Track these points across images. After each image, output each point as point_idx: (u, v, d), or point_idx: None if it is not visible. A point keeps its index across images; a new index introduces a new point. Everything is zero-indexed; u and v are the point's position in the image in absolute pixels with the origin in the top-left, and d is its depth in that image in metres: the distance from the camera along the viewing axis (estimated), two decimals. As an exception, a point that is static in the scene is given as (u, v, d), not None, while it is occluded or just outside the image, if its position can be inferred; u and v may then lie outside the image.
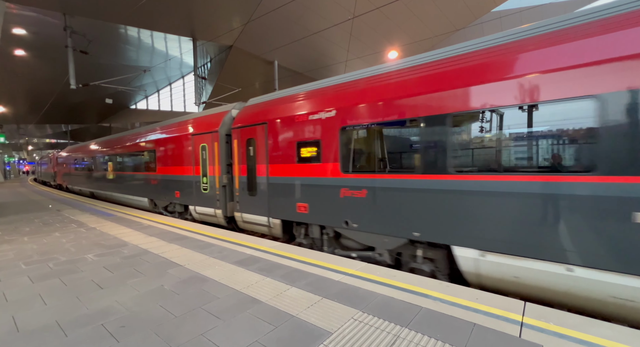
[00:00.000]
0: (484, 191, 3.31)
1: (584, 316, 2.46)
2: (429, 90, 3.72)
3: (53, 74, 18.19)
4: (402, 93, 3.96)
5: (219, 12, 13.10)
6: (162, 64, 21.47)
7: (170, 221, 7.44)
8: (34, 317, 2.68)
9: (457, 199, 3.48)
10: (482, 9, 15.69)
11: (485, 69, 3.37)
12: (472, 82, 3.39)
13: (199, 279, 3.53)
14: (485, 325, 2.38)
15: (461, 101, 3.46)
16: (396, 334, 2.29)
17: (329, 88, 5.03)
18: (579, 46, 2.87)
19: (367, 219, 4.37)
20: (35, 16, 12.30)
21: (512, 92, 3.16)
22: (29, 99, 24.83)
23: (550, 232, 2.95)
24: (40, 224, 7.39)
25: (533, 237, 3.04)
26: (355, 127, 4.43)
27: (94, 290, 3.26)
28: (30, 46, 15.22)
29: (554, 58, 2.97)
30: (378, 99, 4.21)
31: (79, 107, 28.32)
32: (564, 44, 2.96)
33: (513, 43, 3.33)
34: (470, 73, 3.46)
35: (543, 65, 3.01)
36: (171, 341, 2.26)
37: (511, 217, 3.16)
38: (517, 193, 3.12)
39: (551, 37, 3.09)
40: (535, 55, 3.09)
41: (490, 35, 3.64)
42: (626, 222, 2.60)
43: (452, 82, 3.57)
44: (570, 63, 2.87)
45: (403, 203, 3.96)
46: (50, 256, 4.58)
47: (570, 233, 2.85)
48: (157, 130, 9.48)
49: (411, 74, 4.02)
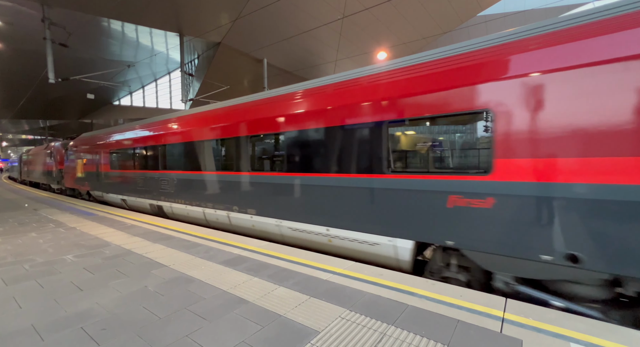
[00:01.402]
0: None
1: (561, 312, 2.57)
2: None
3: (30, 67, 17.37)
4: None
5: (207, 8, 12.85)
6: (147, 60, 20.88)
7: (156, 220, 7.24)
8: (8, 321, 2.56)
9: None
10: (468, 12, 16.07)
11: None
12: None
13: (185, 279, 3.46)
14: (468, 321, 2.44)
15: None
16: (382, 332, 2.32)
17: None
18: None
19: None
20: (11, 6, 11.71)
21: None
22: (4, 93, 23.62)
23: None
24: (15, 223, 7.05)
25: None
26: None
27: (73, 292, 3.15)
28: (6, 37, 14.48)
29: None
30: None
31: (59, 102, 27.17)
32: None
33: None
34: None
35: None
36: (155, 343, 2.21)
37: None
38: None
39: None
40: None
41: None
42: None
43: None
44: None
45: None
46: (26, 257, 4.39)
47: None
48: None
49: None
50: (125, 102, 31.43)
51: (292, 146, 4.99)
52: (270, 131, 5.29)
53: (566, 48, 2.84)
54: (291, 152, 5.02)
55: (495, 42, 3.32)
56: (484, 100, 3.22)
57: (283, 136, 5.14)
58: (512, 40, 3.22)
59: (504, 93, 3.11)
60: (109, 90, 26.77)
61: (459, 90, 3.38)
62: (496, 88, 3.15)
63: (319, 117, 4.64)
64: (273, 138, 5.34)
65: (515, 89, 3.05)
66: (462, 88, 3.36)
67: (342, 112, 4.37)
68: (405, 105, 3.79)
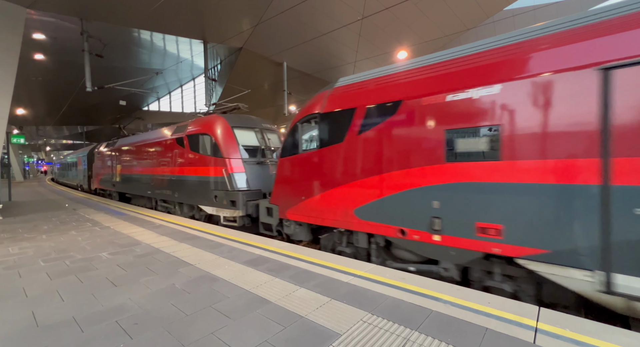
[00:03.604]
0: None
1: (600, 323, 2.39)
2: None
3: (70, 76, 18.76)
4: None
5: (229, 15, 13.28)
6: (174, 67, 21.89)
7: (181, 220, 7.57)
8: (52, 312, 2.77)
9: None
10: (494, 7, 15.40)
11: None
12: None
13: (209, 278, 3.58)
14: (497, 330, 2.33)
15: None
16: (406, 337, 2.27)
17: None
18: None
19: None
20: (54, 21, 12.73)
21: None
22: (48, 102, 25.69)
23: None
24: (58, 222, 7.63)
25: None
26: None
27: (108, 287, 3.35)
28: (49, 50, 15.75)
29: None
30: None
31: (94, 109, 29.12)
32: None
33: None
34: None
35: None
36: (183, 338, 2.30)
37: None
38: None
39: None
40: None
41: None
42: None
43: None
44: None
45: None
46: (67, 254, 4.73)
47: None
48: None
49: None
50: (153, 108, 33.10)
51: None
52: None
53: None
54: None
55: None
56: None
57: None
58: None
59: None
60: (139, 96, 28.33)
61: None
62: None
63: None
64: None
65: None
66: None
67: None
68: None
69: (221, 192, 7.23)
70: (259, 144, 7.83)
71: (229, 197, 7.02)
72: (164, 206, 10.30)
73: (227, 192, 7.06)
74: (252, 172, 7.31)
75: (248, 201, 6.90)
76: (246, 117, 8.37)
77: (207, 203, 7.75)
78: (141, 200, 12.11)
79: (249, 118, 8.42)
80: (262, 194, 7.29)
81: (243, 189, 7.02)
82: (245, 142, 7.62)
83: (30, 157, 55.72)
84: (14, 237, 5.95)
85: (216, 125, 7.72)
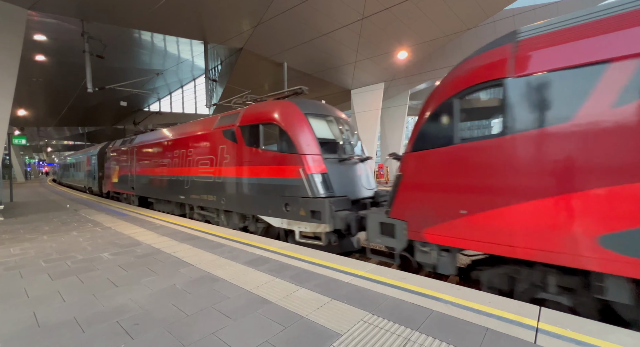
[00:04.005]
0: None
1: (603, 323, 2.38)
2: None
3: (71, 78, 18.82)
4: None
5: (229, 15, 13.30)
6: (174, 67, 21.93)
7: (181, 221, 7.58)
8: (54, 313, 2.78)
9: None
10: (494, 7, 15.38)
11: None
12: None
13: (210, 278, 3.58)
14: (498, 330, 2.33)
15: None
16: (407, 337, 2.26)
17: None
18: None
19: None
20: (55, 23, 12.77)
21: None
22: (49, 103, 25.76)
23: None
24: (59, 223, 7.64)
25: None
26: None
27: (109, 288, 3.36)
28: (50, 52, 15.80)
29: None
30: None
31: (95, 110, 29.21)
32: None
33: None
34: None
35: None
36: (183, 339, 2.30)
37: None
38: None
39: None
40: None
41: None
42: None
43: None
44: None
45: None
46: (68, 254, 4.74)
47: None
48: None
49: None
50: (154, 108, 33.18)
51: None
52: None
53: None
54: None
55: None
56: None
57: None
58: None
59: None
60: (139, 97, 28.39)
61: None
62: None
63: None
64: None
65: None
66: None
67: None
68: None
69: (296, 200, 5.44)
70: (334, 137, 6.10)
71: (308, 206, 5.24)
72: (203, 214, 8.36)
73: (306, 200, 5.28)
74: (336, 173, 5.56)
75: (336, 211, 5.09)
76: (316, 103, 6.56)
77: (271, 213, 5.94)
78: (167, 206, 10.24)
79: (320, 104, 6.62)
80: (349, 202, 5.44)
81: (328, 195, 5.26)
82: (320, 135, 5.84)
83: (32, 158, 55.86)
84: (15, 238, 5.97)
85: (287, 112, 5.94)
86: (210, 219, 8.10)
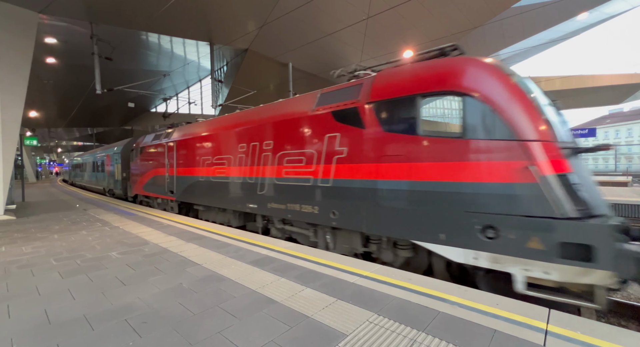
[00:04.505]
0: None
1: (614, 326, 2.33)
2: None
3: (80, 79, 19.18)
4: None
5: (235, 17, 13.40)
6: (181, 69, 22.16)
7: (188, 220, 7.65)
8: (64, 310, 2.83)
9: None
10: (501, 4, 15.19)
11: None
12: None
13: (216, 278, 3.61)
14: (506, 332, 2.30)
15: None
16: (413, 338, 2.25)
17: None
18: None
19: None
20: (65, 26, 13.03)
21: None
22: (59, 104, 26.30)
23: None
24: (69, 222, 7.79)
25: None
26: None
27: (118, 286, 3.41)
28: (60, 54, 16.12)
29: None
30: None
31: (104, 111, 29.72)
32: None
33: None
34: None
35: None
36: (190, 337, 2.33)
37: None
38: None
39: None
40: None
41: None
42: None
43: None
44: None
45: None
46: (78, 253, 4.83)
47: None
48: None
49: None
50: (161, 109, 33.59)
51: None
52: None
53: None
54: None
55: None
56: None
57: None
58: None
59: None
60: (147, 98, 28.77)
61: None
62: None
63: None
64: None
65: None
66: None
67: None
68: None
69: (517, 221, 3.20)
70: (554, 117, 3.72)
71: (553, 235, 3.01)
72: (287, 231, 6.19)
73: (549, 224, 3.03)
74: (583, 175, 3.32)
75: (622, 244, 2.85)
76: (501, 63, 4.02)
77: (446, 240, 3.68)
78: (222, 215, 8.01)
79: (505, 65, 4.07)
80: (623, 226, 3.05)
81: (593, 213, 3.05)
82: (542, 111, 3.51)
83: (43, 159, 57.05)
84: (27, 237, 6.10)
85: (484, 73, 3.68)
86: (300, 238, 5.96)
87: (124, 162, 14.42)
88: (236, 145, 7.13)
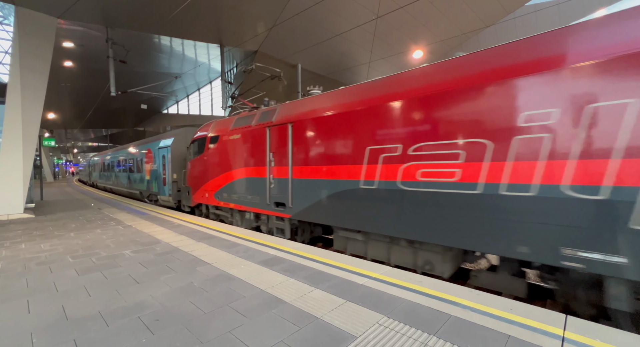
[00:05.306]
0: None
1: (634, 334, 2.24)
2: None
3: (96, 82, 19.74)
4: None
5: (245, 19, 13.55)
6: (192, 70, 22.54)
7: (199, 220, 7.76)
8: (80, 307, 2.91)
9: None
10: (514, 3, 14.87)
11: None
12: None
13: (226, 277, 3.65)
14: (521, 338, 2.24)
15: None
16: (423, 342, 2.22)
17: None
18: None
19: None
20: (82, 30, 13.44)
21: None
22: (75, 106, 27.13)
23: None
24: (84, 221, 8.01)
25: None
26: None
27: (131, 284, 3.48)
28: (77, 58, 16.64)
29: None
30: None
31: (118, 113, 30.49)
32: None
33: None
34: None
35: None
36: (201, 336, 2.36)
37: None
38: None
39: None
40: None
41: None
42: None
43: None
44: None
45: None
46: (93, 251, 4.96)
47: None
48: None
49: None
50: (172, 111, 34.21)
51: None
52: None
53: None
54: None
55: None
56: None
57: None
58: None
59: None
60: (159, 100, 29.35)
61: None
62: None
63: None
64: None
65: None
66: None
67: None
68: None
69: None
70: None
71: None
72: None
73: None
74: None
75: None
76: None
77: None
78: (381, 248, 4.80)
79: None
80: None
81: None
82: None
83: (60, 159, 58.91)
84: (45, 235, 6.31)
85: None
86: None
87: (175, 160, 10.80)
88: (446, 126, 3.74)
